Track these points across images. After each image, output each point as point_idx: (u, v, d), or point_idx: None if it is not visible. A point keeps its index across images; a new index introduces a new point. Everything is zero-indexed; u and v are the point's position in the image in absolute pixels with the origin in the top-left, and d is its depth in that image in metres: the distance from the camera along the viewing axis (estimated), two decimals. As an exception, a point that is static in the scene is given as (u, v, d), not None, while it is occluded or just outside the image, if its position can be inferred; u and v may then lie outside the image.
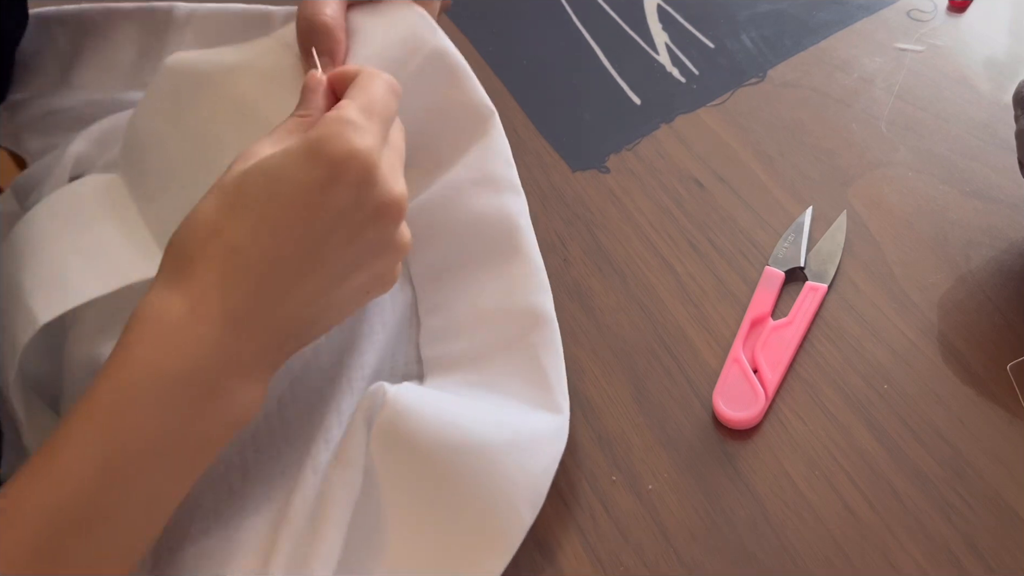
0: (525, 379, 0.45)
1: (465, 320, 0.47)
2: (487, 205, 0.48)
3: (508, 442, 0.41)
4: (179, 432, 0.35)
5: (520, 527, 0.41)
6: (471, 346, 0.46)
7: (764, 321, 0.49)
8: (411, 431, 0.39)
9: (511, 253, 0.47)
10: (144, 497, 0.35)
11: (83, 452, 0.33)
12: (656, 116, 0.62)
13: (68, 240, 0.46)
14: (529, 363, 0.45)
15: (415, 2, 0.49)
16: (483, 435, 0.40)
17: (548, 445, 0.43)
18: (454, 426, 0.40)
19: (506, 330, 0.46)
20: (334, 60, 0.44)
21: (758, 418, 0.46)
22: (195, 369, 0.35)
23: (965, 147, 0.56)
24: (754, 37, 0.66)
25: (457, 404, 0.42)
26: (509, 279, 0.47)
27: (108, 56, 0.58)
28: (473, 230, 0.48)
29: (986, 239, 0.52)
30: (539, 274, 0.47)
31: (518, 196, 0.49)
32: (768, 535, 0.43)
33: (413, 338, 0.47)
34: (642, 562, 0.43)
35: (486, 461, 0.40)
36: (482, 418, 0.41)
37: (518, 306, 0.46)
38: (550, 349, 0.45)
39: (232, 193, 0.36)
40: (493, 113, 0.50)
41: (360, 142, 0.36)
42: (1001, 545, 0.41)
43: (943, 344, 0.48)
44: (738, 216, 0.55)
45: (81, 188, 0.49)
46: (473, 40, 0.69)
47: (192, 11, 0.58)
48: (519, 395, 0.44)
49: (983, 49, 0.62)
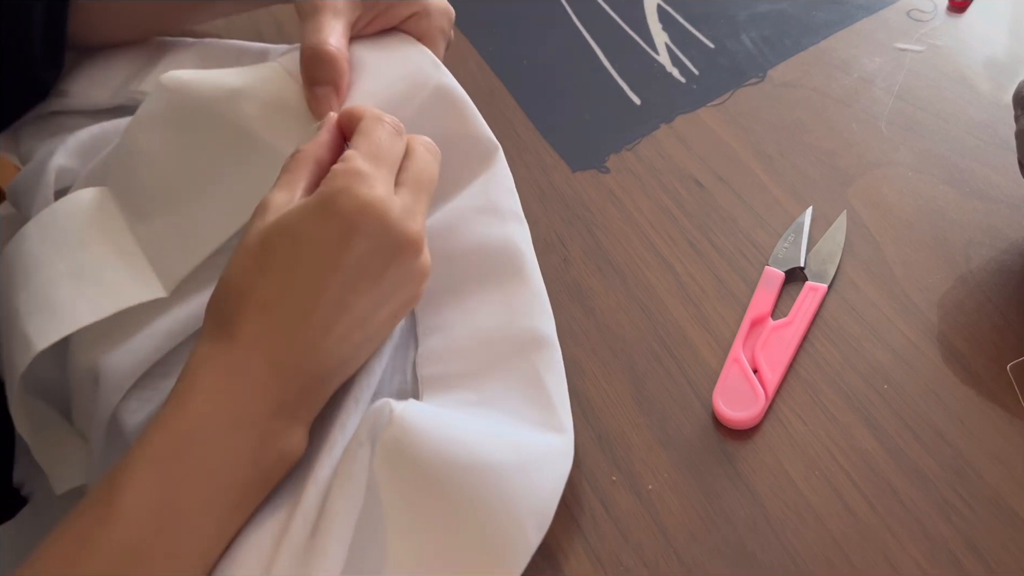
0: (526, 397, 0.44)
1: (464, 342, 0.46)
2: (489, 232, 0.48)
3: (514, 462, 0.40)
4: (231, 475, 0.38)
5: (526, 548, 0.40)
6: (469, 366, 0.45)
7: (764, 321, 0.50)
8: (416, 448, 0.39)
9: (513, 278, 0.47)
10: (201, 535, 0.37)
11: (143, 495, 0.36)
12: (656, 116, 0.62)
13: (60, 263, 0.46)
14: (530, 382, 0.44)
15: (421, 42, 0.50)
16: (489, 454, 0.40)
17: (554, 465, 0.42)
18: (460, 444, 0.39)
19: (506, 351, 0.45)
20: (338, 91, 0.45)
21: (758, 418, 0.46)
22: (244, 416, 0.38)
23: (965, 147, 0.56)
24: (754, 37, 0.66)
25: (463, 422, 0.41)
26: (510, 303, 0.47)
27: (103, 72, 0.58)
28: (475, 255, 0.48)
29: (986, 239, 0.52)
30: (541, 299, 0.47)
31: (521, 225, 0.49)
32: (768, 535, 0.43)
33: (410, 358, 0.47)
34: (642, 562, 0.43)
35: (492, 481, 0.39)
36: (487, 437, 0.41)
37: (519, 329, 0.46)
38: (552, 370, 0.45)
39: (258, 255, 0.39)
40: (497, 148, 0.50)
41: (369, 193, 0.38)
42: (1001, 545, 0.41)
43: (943, 344, 0.48)
44: (738, 216, 0.55)
45: (71, 206, 0.48)
46: (473, 40, 0.69)
47: (195, 43, 0.59)
48: (520, 414, 0.44)
49: (983, 49, 0.62)
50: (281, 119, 0.46)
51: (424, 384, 0.45)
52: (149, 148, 0.48)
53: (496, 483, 0.39)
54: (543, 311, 0.47)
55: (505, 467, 0.40)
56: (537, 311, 0.46)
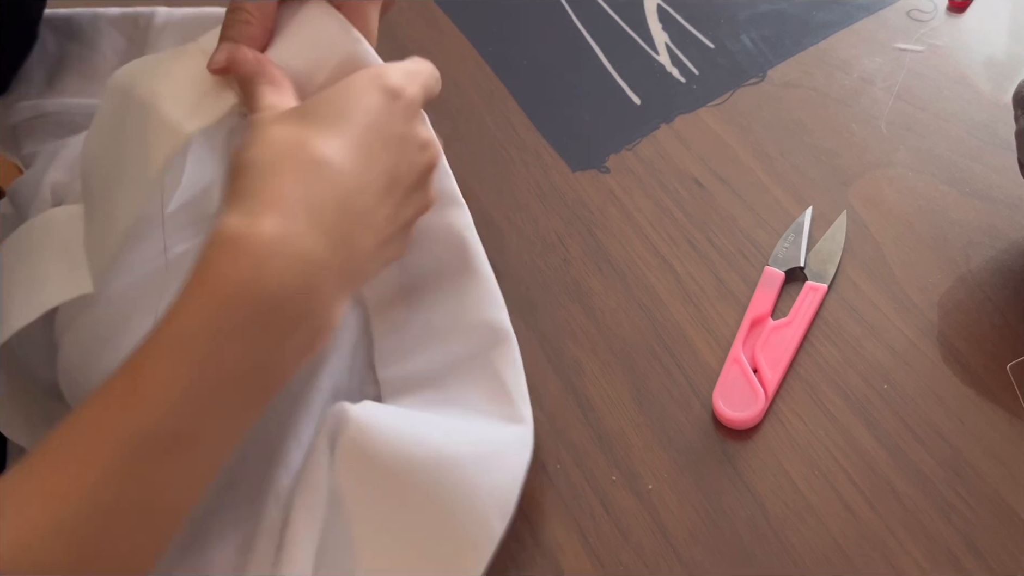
0: (484, 393, 0.45)
1: (419, 338, 0.46)
2: (429, 222, 0.46)
3: (473, 454, 0.41)
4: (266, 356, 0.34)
5: (491, 537, 0.41)
6: (427, 365, 0.46)
7: (764, 321, 0.50)
8: (376, 449, 0.39)
9: (461, 269, 0.47)
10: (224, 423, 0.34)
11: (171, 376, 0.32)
12: (656, 116, 0.62)
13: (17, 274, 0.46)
14: (488, 378, 0.45)
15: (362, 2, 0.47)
16: (447, 449, 0.40)
17: (513, 455, 0.43)
18: (418, 442, 0.40)
19: (462, 347, 0.46)
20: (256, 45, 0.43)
21: (758, 418, 0.46)
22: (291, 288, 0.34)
23: (965, 147, 0.56)
24: (754, 37, 0.66)
25: (420, 420, 0.42)
26: (461, 296, 0.46)
27: (92, 64, 0.57)
28: (419, 248, 0.46)
29: (986, 239, 0.52)
30: (492, 289, 0.47)
31: (460, 208, 0.47)
32: (768, 535, 0.43)
33: (368, 360, 0.47)
34: (642, 562, 0.43)
35: (452, 474, 0.40)
36: (445, 432, 0.42)
37: (473, 322, 0.46)
38: (509, 363, 0.45)
39: (308, 113, 0.37)
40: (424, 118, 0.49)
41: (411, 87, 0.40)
42: (1001, 545, 0.41)
43: (943, 344, 0.48)
44: (738, 216, 0.55)
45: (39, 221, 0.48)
46: (473, 40, 0.69)
47: (169, 17, 0.57)
48: (479, 409, 0.44)
49: (983, 49, 0.62)
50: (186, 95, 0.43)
51: (384, 386, 0.46)
52: (95, 152, 0.47)
53: (457, 476, 0.40)
54: (493, 302, 0.46)
55: (465, 460, 0.40)
56: (488, 303, 0.46)
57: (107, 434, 0.32)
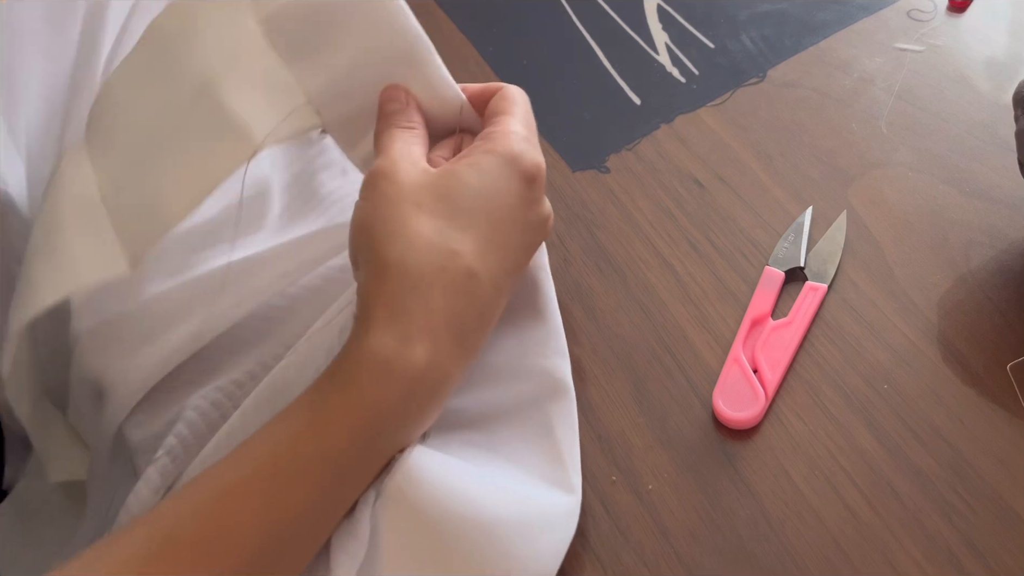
0: (534, 449, 0.42)
1: (474, 374, 0.44)
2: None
3: (520, 521, 0.39)
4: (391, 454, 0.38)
5: None
6: (478, 403, 0.43)
7: (764, 321, 0.49)
8: (421, 499, 0.37)
9: (528, 311, 0.45)
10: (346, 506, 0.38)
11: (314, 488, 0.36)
12: (656, 116, 0.62)
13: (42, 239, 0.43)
14: (540, 434, 0.43)
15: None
16: (495, 510, 0.38)
17: (560, 527, 0.41)
18: (464, 497, 0.38)
19: (517, 391, 0.44)
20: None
21: (758, 418, 0.46)
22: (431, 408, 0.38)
23: (965, 147, 0.56)
24: (754, 37, 0.66)
25: (469, 474, 0.40)
26: (524, 338, 0.44)
27: None
28: None
29: (986, 239, 0.52)
30: (558, 336, 0.45)
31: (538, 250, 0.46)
32: (768, 535, 0.43)
33: None
34: (642, 562, 0.43)
35: (496, 538, 0.38)
36: (494, 491, 0.39)
37: (532, 367, 0.44)
38: (565, 422, 0.43)
39: (452, 205, 0.38)
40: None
41: (539, 157, 0.40)
42: (1001, 545, 0.41)
43: (943, 344, 0.48)
44: (738, 216, 0.55)
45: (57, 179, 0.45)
46: (473, 40, 0.69)
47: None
48: (529, 466, 0.42)
49: (983, 49, 0.62)
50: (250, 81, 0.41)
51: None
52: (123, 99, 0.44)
53: (498, 541, 0.38)
54: (557, 350, 0.45)
55: (509, 525, 0.38)
56: (551, 349, 0.44)
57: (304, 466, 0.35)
